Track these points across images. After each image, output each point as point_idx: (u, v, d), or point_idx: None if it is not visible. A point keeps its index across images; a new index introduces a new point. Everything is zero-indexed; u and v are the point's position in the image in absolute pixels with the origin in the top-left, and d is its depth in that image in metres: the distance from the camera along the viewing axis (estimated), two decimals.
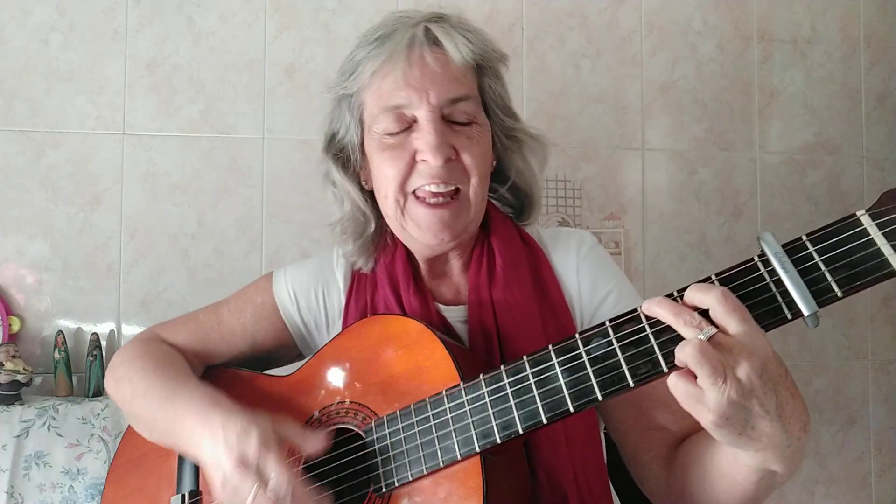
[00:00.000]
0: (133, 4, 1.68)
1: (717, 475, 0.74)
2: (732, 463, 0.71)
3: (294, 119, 1.71)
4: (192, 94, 1.68)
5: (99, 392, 1.54)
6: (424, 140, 0.85)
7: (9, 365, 1.46)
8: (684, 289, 0.65)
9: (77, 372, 1.57)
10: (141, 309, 1.64)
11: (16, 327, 1.56)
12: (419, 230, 0.88)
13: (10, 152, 1.62)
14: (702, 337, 0.60)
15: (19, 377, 1.46)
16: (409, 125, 0.87)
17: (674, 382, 0.61)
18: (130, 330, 1.63)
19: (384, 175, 0.88)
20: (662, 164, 1.84)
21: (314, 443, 0.81)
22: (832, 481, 1.87)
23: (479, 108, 0.90)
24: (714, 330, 0.60)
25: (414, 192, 0.87)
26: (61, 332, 1.56)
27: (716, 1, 1.88)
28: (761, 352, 0.60)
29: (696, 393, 0.60)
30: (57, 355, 1.54)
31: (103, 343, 1.59)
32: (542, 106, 1.79)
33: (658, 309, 0.64)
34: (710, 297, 0.61)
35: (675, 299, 0.65)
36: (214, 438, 0.78)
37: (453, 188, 0.87)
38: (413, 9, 0.92)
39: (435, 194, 0.87)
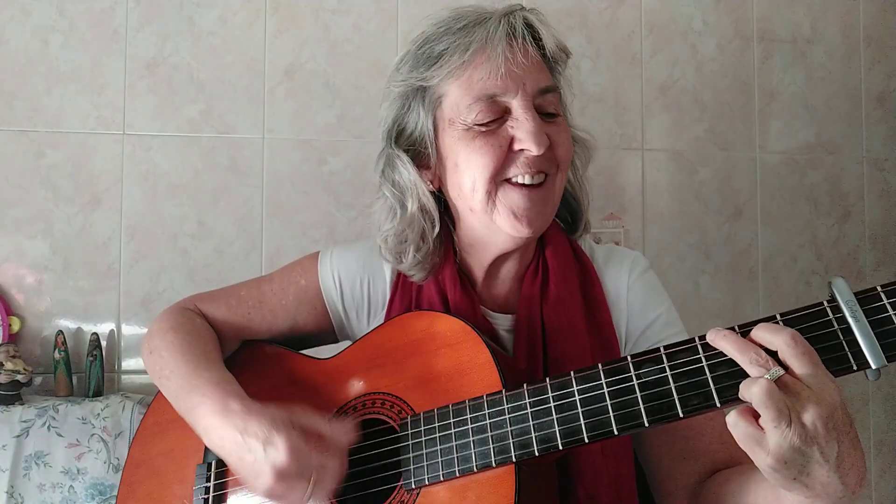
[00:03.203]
0: (133, 4, 1.68)
1: None
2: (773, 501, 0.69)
3: (294, 119, 1.71)
4: (192, 94, 1.68)
5: (99, 392, 1.54)
6: (524, 128, 0.83)
7: (9, 365, 1.46)
8: (749, 325, 0.63)
9: (77, 372, 1.57)
10: (141, 309, 1.64)
11: (16, 327, 1.56)
12: (511, 218, 0.85)
13: (10, 152, 1.62)
14: (769, 377, 0.59)
15: (19, 377, 1.46)
16: (501, 115, 0.85)
17: (734, 421, 0.60)
18: (130, 330, 1.63)
19: (475, 164, 0.85)
20: (662, 164, 1.84)
21: (341, 432, 0.82)
22: None
23: (560, 100, 0.90)
24: (782, 371, 0.59)
25: (506, 180, 0.85)
26: (61, 332, 1.56)
27: (716, 1, 1.88)
28: (830, 399, 0.59)
29: (756, 434, 0.59)
30: (57, 355, 1.54)
31: (103, 343, 1.59)
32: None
33: (723, 342, 0.62)
34: (779, 338, 0.60)
35: (739, 334, 0.63)
36: (235, 443, 0.79)
37: (542, 178, 0.86)
38: (479, 5, 0.90)
39: (526, 186, 0.85)
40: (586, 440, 0.70)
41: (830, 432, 0.58)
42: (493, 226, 0.87)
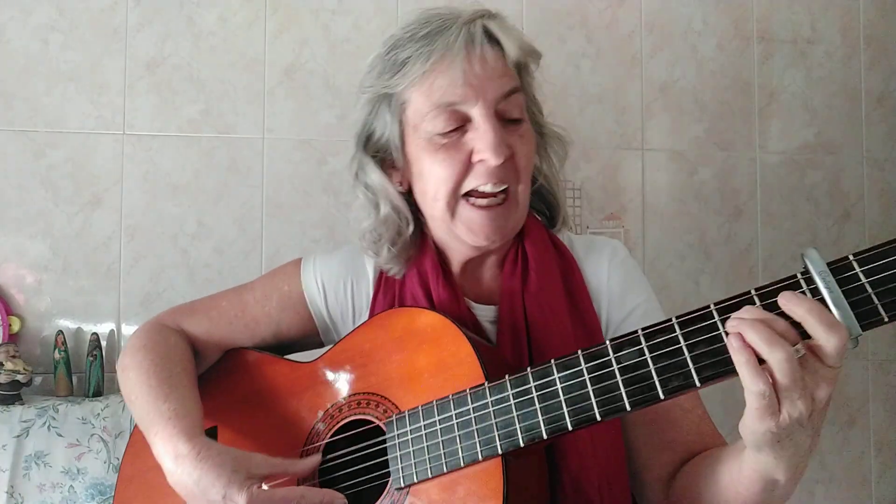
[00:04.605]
0: (133, 4, 1.68)
1: (719, 488, 0.74)
2: (736, 473, 0.71)
3: (294, 119, 1.71)
4: (192, 94, 1.68)
5: (99, 392, 1.54)
6: (483, 139, 0.83)
7: (9, 365, 1.46)
8: (726, 302, 0.63)
9: (77, 372, 1.57)
10: (141, 309, 1.64)
11: (16, 327, 1.56)
12: (470, 233, 0.87)
13: (10, 152, 1.62)
14: (796, 356, 0.59)
15: (19, 377, 1.46)
16: (461, 124, 0.85)
17: (758, 384, 0.59)
18: (130, 330, 1.63)
19: (436, 176, 0.86)
20: (662, 164, 1.84)
21: (303, 467, 0.83)
22: (832, 481, 1.87)
23: (524, 104, 0.90)
24: (804, 350, 0.59)
25: (466, 194, 0.86)
26: (61, 332, 1.56)
27: (716, 1, 1.87)
28: (835, 376, 0.60)
29: (773, 401, 0.59)
30: (57, 355, 1.54)
31: (103, 343, 1.59)
32: (542, 106, 1.78)
33: (746, 315, 0.61)
34: (802, 309, 0.59)
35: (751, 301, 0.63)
36: (190, 493, 0.80)
37: (503, 188, 0.86)
38: (450, 7, 0.90)
39: (486, 195, 0.85)
40: (570, 427, 0.69)
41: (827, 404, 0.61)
42: (454, 234, 0.89)
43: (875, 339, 1.92)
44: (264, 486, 0.81)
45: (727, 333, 0.62)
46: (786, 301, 0.60)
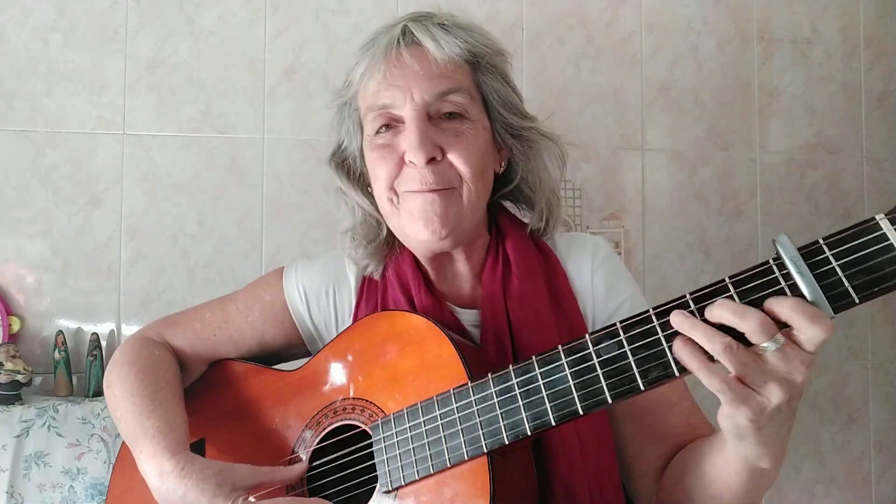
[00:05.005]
0: (133, 4, 1.68)
1: (707, 479, 0.75)
2: (722, 464, 0.72)
3: (294, 119, 1.71)
4: (192, 94, 1.68)
5: (99, 392, 1.54)
6: (407, 139, 0.85)
7: (9, 365, 1.46)
8: (700, 293, 0.64)
9: (77, 372, 1.57)
10: (141, 309, 1.64)
11: (16, 327, 1.56)
12: (412, 222, 0.86)
13: (10, 152, 1.62)
14: (775, 346, 0.60)
15: (19, 377, 1.46)
16: (395, 126, 0.87)
17: (724, 387, 0.61)
18: (130, 330, 1.63)
19: (376, 176, 0.89)
20: (662, 164, 1.84)
21: (289, 475, 0.84)
22: (832, 481, 1.87)
23: (473, 103, 0.88)
24: (783, 339, 0.60)
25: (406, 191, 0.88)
26: (61, 332, 1.56)
27: (716, 1, 1.88)
28: (812, 360, 0.61)
29: (746, 392, 0.61)
30: (57, 355, 1.54)
31: (103, 343, 1.59)
32: (543, 106, 1.78)
33: (720, 311, 0.61)
34: (787, 308, 0.60)
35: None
36: None
37: (445, 188, 0.86)
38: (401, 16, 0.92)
39: (421, 192, 0.86)
40: (553, 423, 0.70)
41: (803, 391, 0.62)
42: (404, 232, 0.90)
43: (875, 339, 1.92)
44: (251, 499, 0.81)
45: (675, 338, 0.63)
46: (770, 304, 0.61)
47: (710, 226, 1.85)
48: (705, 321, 0.62)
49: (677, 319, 0.63)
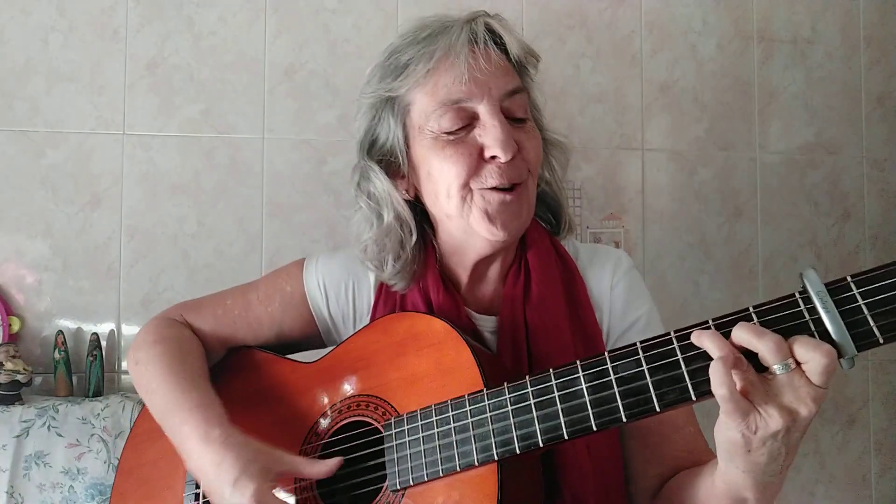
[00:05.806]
0: (133, 4, 1.68)
1: (694, 502, 0.77)
2: (709, 487, 0.72)
3: (294, 119, 1.71)
4: (192, 94, 1.68)
5: (99, 392, 1.54)
6: (492, 135, 0.83)
7: (9, 365, 1.46)
8: (724, 319, 0.64)
9: (77, 372, 1.57)
10: (141, 309, 1.64)
11: (16, 327, 1.56)
12: (486, 221, 0.85)
13: (10, 152, 1.62)
14: (785, 370, 0.60)
15: (19, 377, 1.46)
16: (468, 122, 0.85)
17: (732, 402, 0.61)
18: (130, 330, 1.63)
19: (446, 174, 0.85)
20: (662, 164, 1.84)
21: (320, 470, 0.83)
22: (832, 481, 1.87)
23: (529, 102, 0.90)
24: (794, 365, 0.60)
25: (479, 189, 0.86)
26: (61, 332, 1.56)
27: (716, 1, 1.88)
28: (822, 396, 0.61)
29: (747, 407, 0.61)
30: (57, 355, 1.54)
31: (103, 343, 1.59)
32: (543, 106, 1.78)
33: (739, 332, 0.62)
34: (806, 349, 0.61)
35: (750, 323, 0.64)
36: (209, 472, 0.81)
37: (518, 182, 0.86)
38: (446, 14, 0.90)
39: (499, 190, 0.85)
40: (566, 437, 0.70)
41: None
42: (470, 230, 0.88)
43: None
44: (278, 489, 0.82)
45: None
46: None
47: (710, 226, 1.85)
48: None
49: (695, 335, 0.64)
